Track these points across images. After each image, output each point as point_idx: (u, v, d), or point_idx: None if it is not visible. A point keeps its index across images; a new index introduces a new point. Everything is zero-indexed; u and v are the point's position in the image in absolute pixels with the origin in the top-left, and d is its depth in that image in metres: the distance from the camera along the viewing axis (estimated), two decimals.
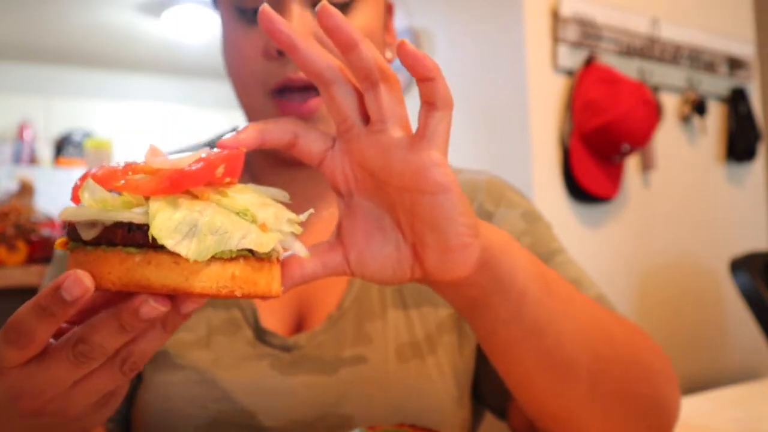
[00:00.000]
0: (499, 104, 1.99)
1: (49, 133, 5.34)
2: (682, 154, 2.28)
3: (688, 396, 0.80)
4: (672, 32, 2.21)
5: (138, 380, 0.66)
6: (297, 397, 0.61)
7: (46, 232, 1.81)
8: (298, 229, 0.40)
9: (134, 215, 0.35)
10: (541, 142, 1.92)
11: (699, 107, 2.26)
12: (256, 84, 0.61)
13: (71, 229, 0.38)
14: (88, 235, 0.37)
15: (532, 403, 0.52)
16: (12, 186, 2.24)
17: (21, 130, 5.18)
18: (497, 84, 2.00)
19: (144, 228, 0.35)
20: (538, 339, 0.47)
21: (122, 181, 0.36)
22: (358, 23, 0.62)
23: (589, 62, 1.96)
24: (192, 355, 0.63)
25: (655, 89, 2.15)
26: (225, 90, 0.68)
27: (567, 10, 1.95)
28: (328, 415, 0.61)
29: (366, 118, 0.41)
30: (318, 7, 0.37)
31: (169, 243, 0.34)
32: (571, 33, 1.96)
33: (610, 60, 2.03)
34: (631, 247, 2.10)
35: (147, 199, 0.36)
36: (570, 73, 1.97)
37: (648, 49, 2.15)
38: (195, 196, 0.37)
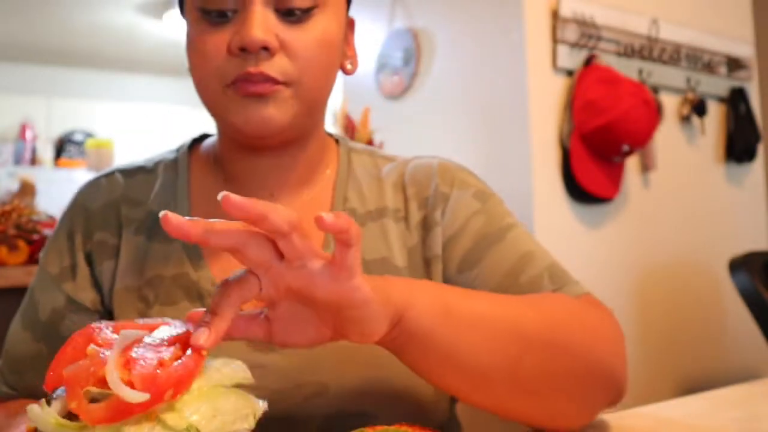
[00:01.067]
0: (499, 104, 1.99)
1: (50, 133, 5.35)
2: (681, 155, 2.28)
3: (687, 396, 0.81)
4: (671, 32, 2.21)
5: None
6: (273, 369, 0.66)
7: (47, 232, 1.81)
8: (252, 423, 0.44)
9: None
10: (541, 142, 1.92)
11: (698, 108, 2.26)
12: (216, 78, 0.65)
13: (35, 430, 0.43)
14: None
15: (464, 401, 0.58)
16: (13, 186, 2.24)
17: (22, 130, 5.19)
18: (497, 84, 2.00)
19: None
20: (451, 364, 0.54)
21: (74, 404, 0.40)
22: (317, 29, 0.65)
23: (589, 62, 1.97)
24: None
25: (655, 89, 2.16)
26: None
27: (567, 10, 1.95)
28: (305, 383, 0.65)
29: (281, 255, 0.46)
30: (220, 198, 0.41)
31: None
32: (571, 33, 1.96)
33: (609, 60, 2.03)
34: (630, 247, 2.10)
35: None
36: (570, 73, 1.97)
37: (647, 50, 2.15)
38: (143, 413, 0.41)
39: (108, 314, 0.71)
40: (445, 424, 0.74)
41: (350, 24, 0.74)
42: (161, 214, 0.42)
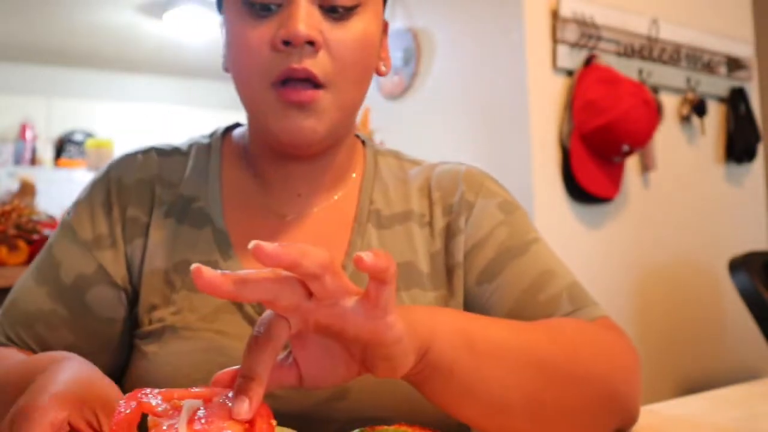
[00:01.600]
0: (499, 104, 2.00)
1: (50, 133, 5.35)
2: (681, 155, 2.28)
3: (687, 396, 0.81)
4: (671, 32, 2.22)
5: (132, 356, 0.69)
6: None
7: (47, 232, 1.81)
8: None
9: None
10: (541, 142, 1.92)
11: (698, 108, 2.26)
12: (260, 75, 0.64)
13: None
14: None
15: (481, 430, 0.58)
16: (13, 186, 2.24)
17: (22, 130, 5.19)
18: (497, 84, 2.00)
19: None
20: (471, 397, 0.53)
21: None
22: (358, 28, 0.66)
23: (589, 62, 1.97)
24: (199, 329, 0.66)
25: (655, 89, 2.16)
26: (225, 90, 0.70)
27: (566, 10, 1.95)
28: None
29: (310, 294, 0.45)
30: (251, 248, 0.41)
31: None
32: (571, 33, 1.96)
33: (609, 60, 2.03)
34: (630, 247, 2.10)
35: None
36: (570, 73, 1.97)
37: (647, 50, 2.15)
38: None
39: (134, 293, 0.70)
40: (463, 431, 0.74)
41: (385, 26, 0.74)
42: (193, 266, 0.41)
